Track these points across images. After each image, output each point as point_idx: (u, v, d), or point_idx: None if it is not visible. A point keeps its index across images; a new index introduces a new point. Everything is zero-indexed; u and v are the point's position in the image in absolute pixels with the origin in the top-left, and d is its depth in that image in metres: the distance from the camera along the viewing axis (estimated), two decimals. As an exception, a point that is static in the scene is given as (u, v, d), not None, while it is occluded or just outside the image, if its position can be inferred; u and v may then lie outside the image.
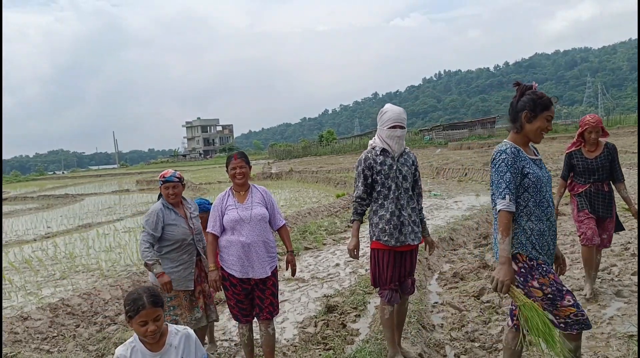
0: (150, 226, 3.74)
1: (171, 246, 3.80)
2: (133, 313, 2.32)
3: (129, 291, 2.64)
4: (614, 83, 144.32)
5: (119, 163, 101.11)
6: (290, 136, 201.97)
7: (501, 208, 2.69)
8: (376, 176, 3.53)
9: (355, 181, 3.61)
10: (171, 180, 3.85)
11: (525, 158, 2.78)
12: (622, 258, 5.93)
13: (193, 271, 3.88)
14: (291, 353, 4.20)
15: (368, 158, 3.56)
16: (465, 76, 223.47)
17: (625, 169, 15.29)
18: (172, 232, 3.78)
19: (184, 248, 3.84)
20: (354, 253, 3.67)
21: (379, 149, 3.55)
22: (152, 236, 3.74)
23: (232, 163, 3.63)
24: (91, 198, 24.75)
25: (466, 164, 20.76)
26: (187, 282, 3.84)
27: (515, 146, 2.80)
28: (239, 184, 3.65)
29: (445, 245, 7.70)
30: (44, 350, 4.69)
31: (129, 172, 58.32)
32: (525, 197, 2.76)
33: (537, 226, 2.76)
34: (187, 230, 3.85)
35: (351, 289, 5.75)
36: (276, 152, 58.31)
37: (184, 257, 3.83)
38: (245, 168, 3.65)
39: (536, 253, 2.74)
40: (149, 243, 3.73)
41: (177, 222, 3.82)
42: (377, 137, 3.60)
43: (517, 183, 2.74)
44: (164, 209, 3.82)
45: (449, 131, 52.76)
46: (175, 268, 3.80)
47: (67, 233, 12.65)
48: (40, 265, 8.64)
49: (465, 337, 4.31)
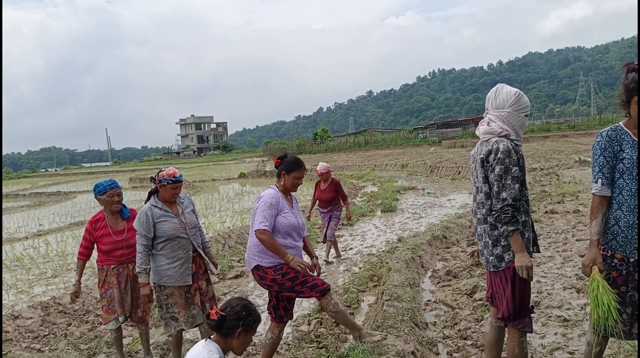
0: (142, 227, 3.69)
1: (164, 242, 3.74)
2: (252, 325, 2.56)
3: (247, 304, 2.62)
4: (606, 82, 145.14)
5: (112, 161, 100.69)
6: (285, 133, 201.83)
7: (593, 192, 2.65)
8: (520, 173, 2.77)
9: (502, 179, 2.69)
10: (180, 180, 3.81)
11: (629, 141, 2.57)
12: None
13: (190, 267, 3.83)
14: (284, 352, 4.19)
15: (516, 150, 2.79)
16: (459, 75, 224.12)
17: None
18: (162, 228, 3.73)
19: (178, 244, 3.79)
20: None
21: (517, 140, 2.85)
22: (146, 237, 3.69)
23: (299, 172, 3.72)
24: (83, 195, 24.58)
25: (460, 163, 20.81)
26: (184, 277, 3.79)
27: (617, 129, 2.61)
28: (292, 191, 3.79)
29: (439, 243, 7.71)
30: (35, 349, 4.65)
31: (122, 169, 58.06)
32: (619, 184, 2.59)
33: (627, 218, 2.57)
34: (177, 225, 3.78)
35: (345, 287, 5.75)
36: (270, 150, 58.24)
37: (178, 253, 3.78)
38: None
39: (617, 245, 2.62)
40: (142, 246, 3.69)
41: (167, 218, 3.77)
42: (505, 123, 2.82)
43: (612, 167, 2.61)
44: (153, 208, 3.77)
45: (442, 129, 52.88)
46: (171, 265, 3.75)
47: (59, 230, 12.57)
48: (31, 263, 8.58)
49: (457, 334, 4.32)
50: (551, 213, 8.93)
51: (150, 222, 3.70)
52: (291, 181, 3.68)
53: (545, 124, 51.40)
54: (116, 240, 4.06)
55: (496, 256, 2.83)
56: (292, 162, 3.71)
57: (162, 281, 3.76)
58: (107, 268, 4.08)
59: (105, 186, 4.08)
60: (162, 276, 3.75)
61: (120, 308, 4.07)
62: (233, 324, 2.47)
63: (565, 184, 12.60)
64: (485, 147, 2.81)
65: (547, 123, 52.75)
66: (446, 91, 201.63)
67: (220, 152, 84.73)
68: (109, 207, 4.09)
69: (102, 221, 4.09)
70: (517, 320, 2.87)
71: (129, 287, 4.13)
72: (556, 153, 23.29)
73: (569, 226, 7.81)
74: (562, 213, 8.81)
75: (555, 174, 14.65)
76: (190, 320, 3.83)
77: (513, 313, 2.84)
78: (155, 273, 3.77)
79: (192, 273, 3.85)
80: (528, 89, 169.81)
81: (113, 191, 4.07)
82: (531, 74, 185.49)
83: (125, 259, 4.11)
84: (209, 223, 11.56)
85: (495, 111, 2.87)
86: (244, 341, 2.53)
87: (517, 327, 2.88)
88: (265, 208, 3.54)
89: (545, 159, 20.20)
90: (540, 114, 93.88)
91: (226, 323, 2.47)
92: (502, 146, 2.71)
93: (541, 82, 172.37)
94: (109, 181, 4.15)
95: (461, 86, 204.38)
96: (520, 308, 2.85)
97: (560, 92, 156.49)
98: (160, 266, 3.75)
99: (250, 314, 2.52)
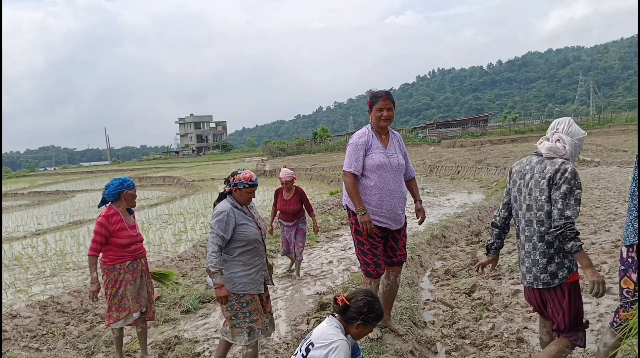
0: (220, 228, 3.38)
1: (243, 247, 3.48)
2: None
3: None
4: (605, 82, 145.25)
5: (110, 160, 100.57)
6: (284, 133, 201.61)
7: None
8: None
9: (567, 198, 2.75)
10: (256, 184, 3.57)
11: None
12: (613, 255, 5.96)
13: (264, 275, 3.63)
14: (283, 351, 4.19)
15: None
16: (458, 74, 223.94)
17: (615, 167, 15.40)
18: (245, 232, 3.47)
19: (256, 250, 3.56)
20: None
21: None
22: (222, 238, 3.39)
23: (380, 103, 3.62)
24: (82, 194, 24.57)
25: (459, 162, 20.82)
26: (258, 285, 3.57)
27: None
28: (382, 127, 3.70)
29: (438, 242, 7.71)
30: (33, 348, 4.64)
31: (120, 169, 57.96)
32: None
33: None
34: (256, 230, 3.55)
35: (344, 286, 5.75)
36: (270, 149, 58.16)
37: (255, 259, 3.55)
38: (392, 110, 3.68)
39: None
40: (217, 246, 3.38)
41: (247, 221, 3.51)
42: (571, 148, 2.92)
43: None
44: (234, 208, 3.49)
45: (442, 129, 52.84)
46: (247, 271, 3.50)
47: (58, 229, 12.57)
48: (30, 262, 8.58)
49: (456, 333, 4.32)
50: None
51: (231, 224, 3.41)
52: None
53: (545, 123, 51.32)
54: (131, 234, 4.07)
55: (550, 274, 2.89)
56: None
57: (235, 289, 3.47)
58: (121, 265, 4.01)
59: (132, 182, 4.16)
60: (235, 284, 3.47)
61: (137, 304, 4.05)
62: (354, 316, 2.71)
63: (564, 183, 12.58)
64: (552, 166, 2.87)
65: (546, 123, 52.58)
66: (446, 90, 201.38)
67: (220, 151, 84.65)
68: (132, 201, 4.14)
69: (117, 216, 4.05)
70: (571, 333, 2.95)
71: (144, 282, 4.13)
72: (555, 152, 23.24)
73: None
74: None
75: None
76: (264, 329, 3.63)
77: (569, 325, 2.93)
78: (228, 281, 3.46)
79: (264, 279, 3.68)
80: (527, 88, 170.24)
81: (135, 187, 4.20)
82: (531, 74, 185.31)
83: (139, 254, 4.12)
84: (208, 222, 11.55)
85: (566, 135, 2.96)
86: (362, 332, 2.76)
87: (570, 338, 2.96)
88: (351, 150, 3.74)
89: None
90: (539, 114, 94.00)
91: (348, 312, 2.72)
92: (569, 167, 2.82)
93: (540, 81, 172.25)
94: (127, 178, 4.20)
95: (461, 85, 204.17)
96: (575, 322, 2.94)
97: (559, 91, 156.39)
98: (235, 274, 3.47)
99: (371, 311, 2.72)
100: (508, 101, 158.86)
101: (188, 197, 18.96)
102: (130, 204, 4.16)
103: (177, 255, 7.93)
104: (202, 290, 6.06)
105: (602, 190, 10.98)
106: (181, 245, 9.20)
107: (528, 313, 4.47)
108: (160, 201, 17.87)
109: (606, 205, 9.13)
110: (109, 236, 3.97)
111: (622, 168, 14.90)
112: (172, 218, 13.00)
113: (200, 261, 7.58)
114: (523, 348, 3.89)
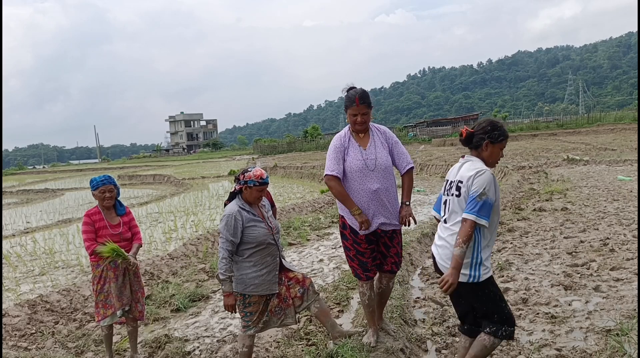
0: (229, 232, 3.36)
1: (253, 248, 3.44)
2: None
3: None
4: (594, 81, 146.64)
5: (100, 158, 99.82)
6: (275, 131, 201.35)
7: None
8: None
9: None
10: (267, 182, 3.49)
11: None
12: (601, 253, 6.03)
13: (277, 274, 3.59)
14: (274, 349, 4.19)
15: None
16: (449, 73, 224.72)
17: (604, 166, 15.55)
18: (253, 233, 3.43)
19: (267, 250, 3.51)
20: None
21: None
22: (232, 243, 3.37)
23: (353, 108, 3.55)
24: (72, 192, 24.37)
25: (449, 161, 20.90)
26: (271, 285, 3.55)
27: None
28: (358, 131, 3.63)
29: (428, 240, 7.74)
30: (21, 348, 4.61)
31: (110, 167, 57.59)
32: None
33: None
34: (266, 230, 3.50)
35: (334, 285, 5.75)
36: (260, 147, 58.13)
37: (267, 260, 3.51)
38: (368, 114, 3.60)
39: None
40: (228, 251, 3.36)
41: (256, 222, 3.47)
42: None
43: None
44: (241, 211, 3.44)
45: (432, 127, 53.11)
46: (258, 273, 3.46)
47: (47, 228, 12.46)
48: (18, 260, 8.49)
49: (446, 331, 4.34)
50: (539, 210, 9.01)
51: (239, 227, 3.38)
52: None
53: (534, 122, 51.70)
54: (112, 233, 4.03)
55: None
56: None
57: (247, 290, 3.46)
58: (104, 262, 4.01)
59: (97, 181, 4.06)
60: (247, 285, 3.45)
61: (119, 302, 4.02)
62: (480, 137, 2.90)
63: (553, 182, 12.70)
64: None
65: (535, 121, 53.05)
66: (436, 89, 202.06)
67: (210, 149, 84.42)
68: (101, 203, 4.07)
69: (99, 215, 4.05)
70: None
71: (127, 280, 4.10)
72: (545, 151, 23.47)
73: (557, 223, 7.88)
74: (551, 211, 8.89)
75: (544, 172, 14.76)
76: (260, 326, 3.63)
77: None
78: (239, 282, 3.45)
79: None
80: (517, 87, 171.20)
81: (105, 186, 4.04)
82: (520, 73, 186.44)
83: None
84: (198, 220, 11.52)
85: None
86: (492, 152, 2.92)
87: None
88: (331, 153, 3.67)
89: (534, 158, 20.35)
90: (529, 113, 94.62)
91: (475, 137, 2.92)
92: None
93: (530, 80, 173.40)
94: (102, 177, 4.10)
95: (451, 84, 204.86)
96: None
97: (549, 90, 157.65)
98: (246, 275, 3.44)
99: (495, 129, 2.88)
100: (498, 99, 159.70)
101: (178, 195, 18.87)
102: (103, 204, 4.07)
103: (167, 253, 7.89)
104: (192, 288, 6.04)
105: (591, 189, 11.08)
106: (171, 243, 9.15)
107: (517, 311, 4.51)
108: (150, 200, 17.76)
109: (595, 204, 9.22)
110: (95, 230, 4.01)
111: (611, 167, 15.04)
112: (162, 216, 12.93)
113: (191, 259, 7.54)
114: (513, 345, 3.92)
